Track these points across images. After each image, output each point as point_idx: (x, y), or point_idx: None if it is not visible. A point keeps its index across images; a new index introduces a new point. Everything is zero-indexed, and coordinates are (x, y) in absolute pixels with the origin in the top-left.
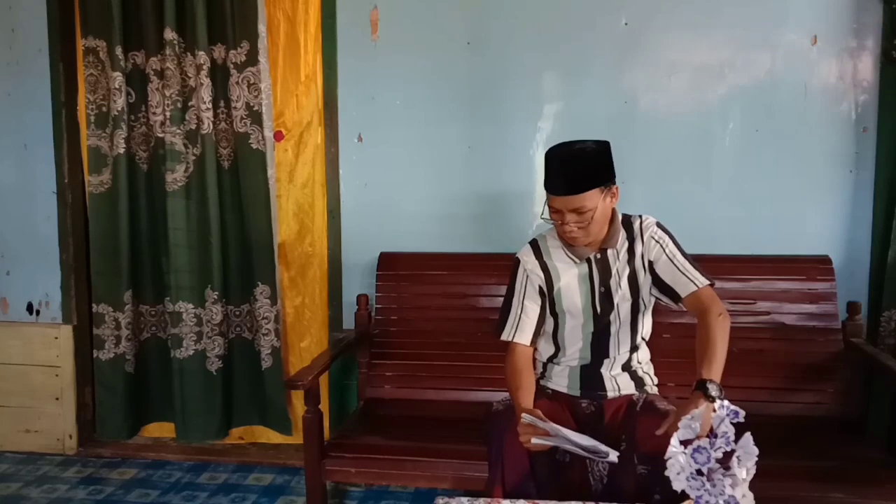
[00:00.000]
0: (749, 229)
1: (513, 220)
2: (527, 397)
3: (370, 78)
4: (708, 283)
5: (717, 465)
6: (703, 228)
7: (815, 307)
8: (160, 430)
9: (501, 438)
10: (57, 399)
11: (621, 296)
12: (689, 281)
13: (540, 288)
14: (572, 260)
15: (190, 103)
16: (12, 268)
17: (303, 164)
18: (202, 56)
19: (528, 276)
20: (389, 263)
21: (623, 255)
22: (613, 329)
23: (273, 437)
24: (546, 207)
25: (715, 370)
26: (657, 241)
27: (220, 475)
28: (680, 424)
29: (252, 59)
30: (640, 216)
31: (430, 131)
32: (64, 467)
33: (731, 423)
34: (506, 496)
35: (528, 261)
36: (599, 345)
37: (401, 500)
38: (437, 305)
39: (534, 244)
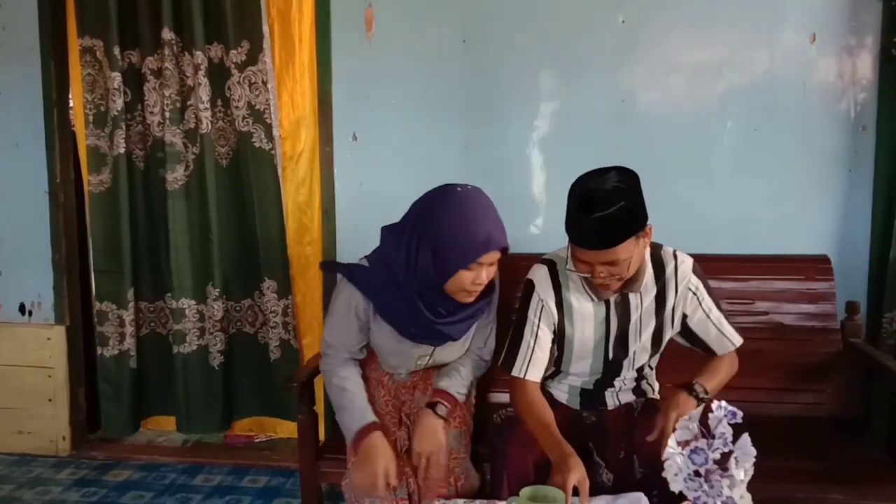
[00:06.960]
0: (747, 229)
1: (510, 220)
2: (559, 433)
3: (365, 76)
4: (741, 340)
5: (715, 467)
6: (701, 228)
7: (814, 307)
8: (159, 423)
9: (504, 452)
10: (50, 400)
11: (640, 346)
12: (727, 341)
13: (553, 325)
14: (590, 297)
15: (189, 102)
16: (4, 268)
17: (299, 163)
18: (199, 56)
19: (543, 307)
20: None
21: (649, 303)
22: (624, 372)
23: (281, 430)
24: (569, 256)
25: (711, 385)
26: (693, 294)
27: (214, 477)
28: (678, 425)
29: (252, 58)
30: (675, 256)
31: (426, 130)
32: (57, 469)
33: (729, 424)
34: None
35: (543, 290)
36: (605, 378)
37: None
38: None
39: (551, 269)
